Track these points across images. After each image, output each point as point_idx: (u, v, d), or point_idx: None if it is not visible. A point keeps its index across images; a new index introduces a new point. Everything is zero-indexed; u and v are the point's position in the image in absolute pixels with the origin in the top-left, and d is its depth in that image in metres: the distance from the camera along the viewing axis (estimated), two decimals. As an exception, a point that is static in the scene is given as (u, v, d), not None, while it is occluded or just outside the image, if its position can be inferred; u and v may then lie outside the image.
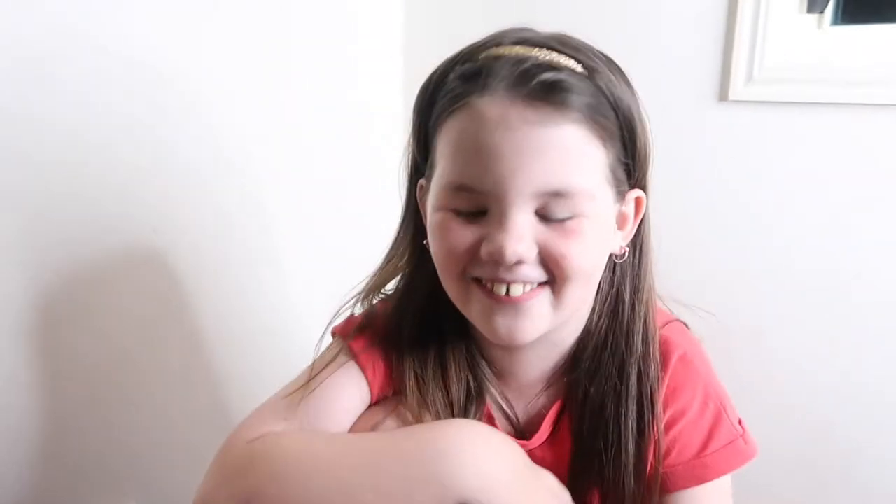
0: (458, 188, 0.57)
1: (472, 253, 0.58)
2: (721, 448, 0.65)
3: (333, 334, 0.73)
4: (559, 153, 0.55)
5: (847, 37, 1.05)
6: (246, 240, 1.07)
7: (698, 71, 1.12)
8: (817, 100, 1.06)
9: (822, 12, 1.05)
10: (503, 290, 0.58)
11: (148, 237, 0.92)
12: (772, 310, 1.13)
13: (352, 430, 0.67)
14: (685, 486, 0.65)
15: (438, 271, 0.62)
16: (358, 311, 0.73)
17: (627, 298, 0.66)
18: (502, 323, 0.59)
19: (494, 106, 0.55)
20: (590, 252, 0.59)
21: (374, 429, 0.65)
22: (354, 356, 0.69)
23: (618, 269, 0.66)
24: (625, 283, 0.66)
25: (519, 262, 0.56)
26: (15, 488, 0.82)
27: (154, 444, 0.97)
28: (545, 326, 0.60)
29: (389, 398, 0.69)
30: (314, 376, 0.67)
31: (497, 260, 0.56)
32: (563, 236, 0.57)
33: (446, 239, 0.59)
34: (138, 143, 0.89)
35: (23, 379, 0.81)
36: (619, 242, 0.64)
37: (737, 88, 1.09)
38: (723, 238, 1.15)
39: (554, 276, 0.58)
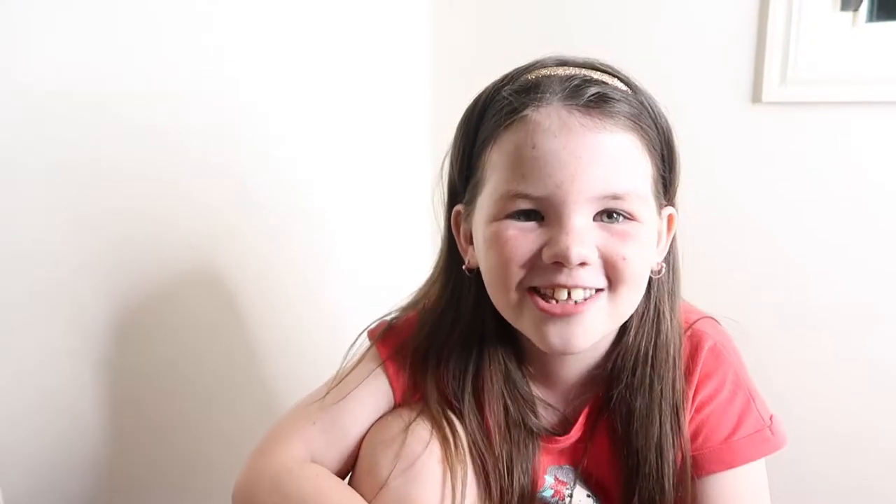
0: (515, 196, 0.59)
1: (533, 261, 0.59)
2: (748, 435, 0.67)
3: (369, 338, 0.76)
4: (617, 158, 0.58)
5: (883, 34, 1.03)
6: (294, 252, 1.10)
7: (730, 73, 1.10)
8: (854, 99, 1.04)
9: (856, 10, 1.03)
10: (564, 296, 0.59)
11: (192, 253, 0.95)
12: (810, 312, 1.11)
13: (379, 430, 0.69)
14: (713, 471, 0.67)
15: (491, 285, 0.63)
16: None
17: (668, 314, 0.67)
18: (556, 332, 0.60)
19: (552, 116, 0.58)
20: (645, 256, 0.61)
21: (406, 430, 0.67)
22: (382, 362, 0.72)
23: (654, 285, 0.67)
24: (663, 298, 0.68)
25: (582, 264, 0.58)
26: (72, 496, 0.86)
27: (208, 459, 1.01)
28: (599, 334, 0.62)
29: (418, 402, 0.71)
30: (341, 380, 0.71)
31: (561, 262, 0.57)
32: (622, 239, 0.59)
33: (504, 248, 0.59)
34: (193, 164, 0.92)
35: (93, 396, 0.86)
36: (655, 258, 0.66)
37: (770, 90, 1.07)
38: (758, 243, 1.13)
39: (611, 281, 0.60)
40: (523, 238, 0.59)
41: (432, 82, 1.33)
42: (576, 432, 0.70)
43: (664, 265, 0.66)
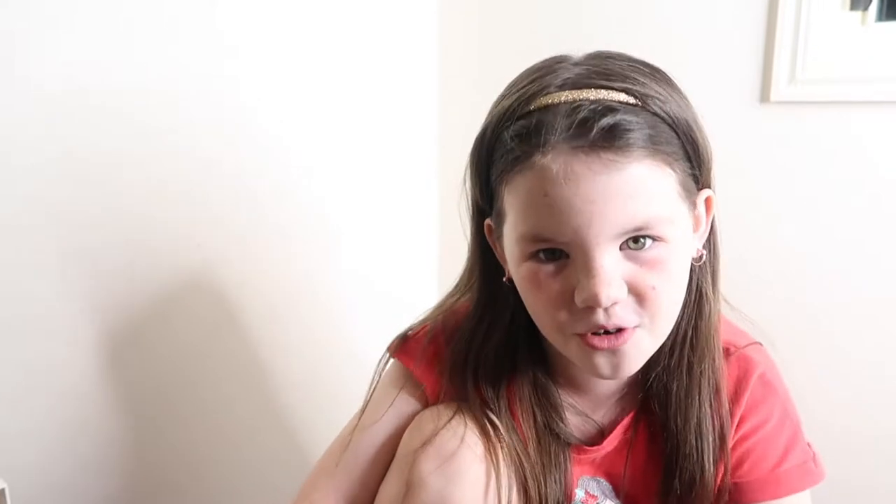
0: (535, 239, 0.58)
1: (569, 302, 0.58)
2: (795, 466, 0.67)
3: (390, 354, 0.76)
4: (633, 192, 0.55)
5: (893, 33, 1.02)
6: (302, 253, 1.09)
7: (738, 72, 1.09)
8: (863, 99, 1.04)
9: (865, 9, 1.02)
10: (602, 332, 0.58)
11: (197, 254, 0.94)
12: (820, 311, 1.10)
13: (418, 427, 0.68)
14: (758, 500, 0.66)
15: (535, 320, 0.63)
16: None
17: (710, 295, 0.66)
18: (604, 363, 0.59)
19: (558, 162, 0.55)
20: (676, 278, 0.59)
21: (445, 427, 0.66)
22: (408, 371, 0.72)
23: (696, 268, 0.65)
24: (706, 280, 0.66)
25: (614, 304, 0.56)
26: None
27: (209, 459, 1.00)
28: (646, 358, 0.61)
29: (455, 402, 0.70)
30: (365, 406, 0.73)
31: (592, 306, 0.56)
32: (650, 268, 0.57)
33: (539, 293, 0.59)
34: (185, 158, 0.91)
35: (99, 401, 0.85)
36: (695, 245, 0.63)
37: (779, 89, 1.07)
38: (766, 243, 1.12)
39: (645, 312, 0.58)
40: (553, 282, 0.58)
41: (439, 84, 1.33)
42: (609, 443, 0.70)
43: (704, 251, 0.64)
